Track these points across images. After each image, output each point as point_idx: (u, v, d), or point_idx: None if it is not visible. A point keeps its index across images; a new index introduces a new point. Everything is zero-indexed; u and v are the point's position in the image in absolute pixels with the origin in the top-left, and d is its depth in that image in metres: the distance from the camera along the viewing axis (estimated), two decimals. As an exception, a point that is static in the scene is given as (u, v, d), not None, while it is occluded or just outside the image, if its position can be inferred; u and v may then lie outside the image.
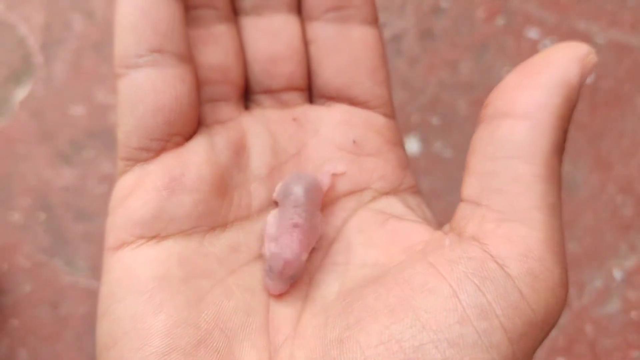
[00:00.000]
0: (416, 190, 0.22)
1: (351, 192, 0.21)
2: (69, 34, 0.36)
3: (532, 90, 0.17)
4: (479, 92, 0.36)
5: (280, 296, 0.19)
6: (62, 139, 0.35)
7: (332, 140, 0.21)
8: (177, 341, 0.17)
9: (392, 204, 0.21)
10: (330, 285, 0.19)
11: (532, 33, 0.37)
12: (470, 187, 0.18)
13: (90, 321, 0.33)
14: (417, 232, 0.19)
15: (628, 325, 0.33)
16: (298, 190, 0.19)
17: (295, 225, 0.19)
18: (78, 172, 0.34)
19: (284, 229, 0.19)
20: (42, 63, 0.35)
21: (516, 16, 0.37)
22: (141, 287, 0.17)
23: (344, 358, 0.16)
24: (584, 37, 0.37)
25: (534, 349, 0.16)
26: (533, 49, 0.36)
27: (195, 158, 0.19)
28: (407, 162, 0.22)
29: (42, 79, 0.35)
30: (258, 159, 0.20)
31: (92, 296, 0.33)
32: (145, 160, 0.19)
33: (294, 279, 0.19)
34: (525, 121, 0.17)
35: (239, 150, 0.20)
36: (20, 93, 0.35)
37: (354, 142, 0.21)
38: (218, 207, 0.19)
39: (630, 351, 0.33)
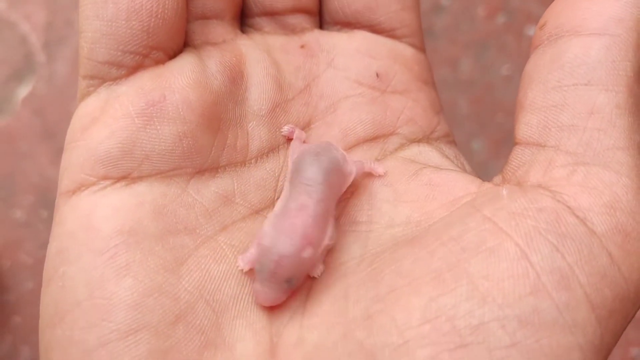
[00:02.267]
0: (452, 140, 0.18)
1: (373, 138, 0.17)
2: (71, 32, 0.36)
3: (604, 1, 0.13)
4: (479, 90, 0.36)
5: (273, 308, 0.14)
6: (64, 137, 0.35)
7: (350, 72, 0.17)
8: (147, 316, 0.13)
9: (425, 152, 0.17)
10: (350, 249, 0.15)
11: (533, 31, 0.37)
12: (529, 126, 0.14)
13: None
14: (461, 184, 0.15)
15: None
16: (313, 168, 0.14)
17: (302, 208, 0.14)
18: (80, 170, 0.34)
19: (286, 211, 0.14)
20: (44, 61, 0.36)
21: (517, 14, 0.37)
22: (101, 243, 0.13)
23: (375, 341, 0.12)
24: (585, 35, 0.37)
25: (622, 331, 0.12)
26: (533, 47, 0.37)
27: (181, 79, 0.15)
28: (439, 106, 0.18)
29: (44, 77, 0.35)
30: (258, 91, 0.16)
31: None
32: (115, 79, 0.15)
33: (294, 285, 0.14)
34: (601, 38, 0.13)
35: (236, 78, 0.16)
36: (23, 91, 0.35)
37: (377, 75, 0.17)
38: (208, 146, 0.15)
39: (630, 348, 0.33)
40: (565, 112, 0.13)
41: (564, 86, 0.13)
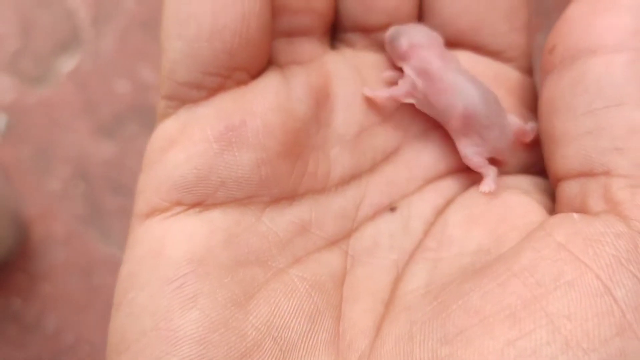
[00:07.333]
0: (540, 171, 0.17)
1: (462, 170, 0.16)
2: (119, 11, 0.37)
3: (615, 15, 0.13)
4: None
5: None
6: (105, 113, 0.35)
7: None
8: (212, 352, 0.12)
9: (515, 180, 0.16)
10: (416, 277, 0.14)
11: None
12: (567, 158, 0.13)
13: (118, 294, 0.33)
14: (534, 211, 0.14)
15: None
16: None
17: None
18: (119, 147, 0.35)
19: None
20: (91, 37, 0.36)
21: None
22: (170, 271, 0.13)
23: None
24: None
25: None
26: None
27: (264, 103, 0.14)
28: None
29: (90, 53, 0.36)
30: (345, 114, 0.15)
31: (122, 270, 0.34)
32: (195, 101, 0.14)
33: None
34: (621, 55, 0.13)
35: (321, 100, 0.15)
36: (68, 65, 0.36)
37: None
38: (287, 174, 0.14)
39: None
40: (603, 137, 0.13)
41: (594, 110, 0.13)
